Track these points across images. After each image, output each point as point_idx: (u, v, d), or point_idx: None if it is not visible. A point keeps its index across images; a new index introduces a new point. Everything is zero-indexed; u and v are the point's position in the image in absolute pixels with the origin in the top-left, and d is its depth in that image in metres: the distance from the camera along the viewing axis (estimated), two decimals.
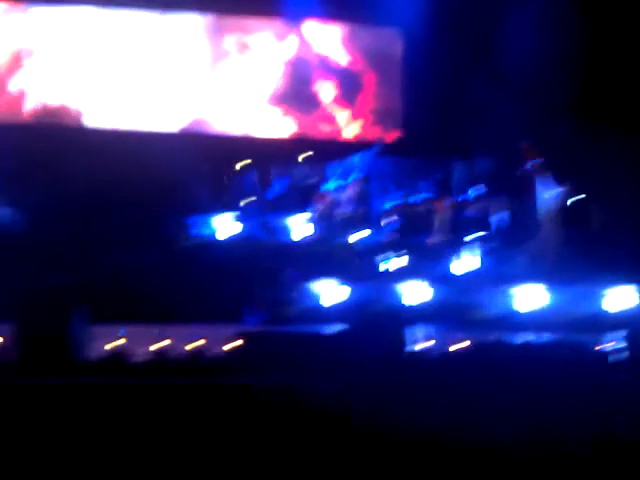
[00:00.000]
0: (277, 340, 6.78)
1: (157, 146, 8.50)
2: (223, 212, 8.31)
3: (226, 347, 6.75)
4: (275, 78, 9.67)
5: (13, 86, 9.17)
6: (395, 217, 8.31)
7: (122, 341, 6.52)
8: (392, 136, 9.63)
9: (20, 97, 9.15)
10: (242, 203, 8.59)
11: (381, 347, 6.49)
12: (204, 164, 8.50)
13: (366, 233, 8.20)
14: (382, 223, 8.31)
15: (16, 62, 9.19)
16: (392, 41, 9.81)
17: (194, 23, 9.61)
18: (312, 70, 9.71)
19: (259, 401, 5.54)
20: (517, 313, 7.26)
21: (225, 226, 8.23)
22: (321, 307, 7.39)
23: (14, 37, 9.13)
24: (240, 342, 6.76)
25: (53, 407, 5.16)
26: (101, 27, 9.37)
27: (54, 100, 9.20)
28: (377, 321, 7.04)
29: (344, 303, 7.40)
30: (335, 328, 7.12)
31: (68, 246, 7.26)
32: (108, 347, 6.50)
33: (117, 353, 6.45)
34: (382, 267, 7.81)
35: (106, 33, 9.35)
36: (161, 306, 6.89)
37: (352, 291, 7.42)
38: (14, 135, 8.03)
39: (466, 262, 7.79)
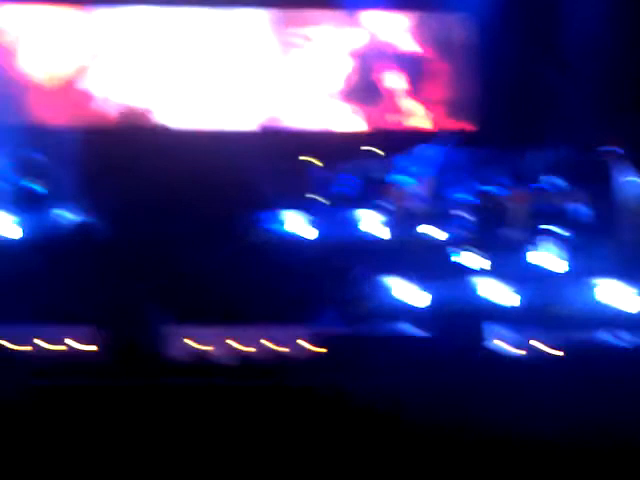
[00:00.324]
0: (352, 340, 6.73)
1: (229, 144, 8.52)
2: (294, 208, 8.28)
3: (302, 348, 6.74)
4: (342, 70, 9.54)
5: (83, 89, 9.30)
6: (470, 210, 8.11)
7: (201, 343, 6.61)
8: (466, 126, 9.39)
9: (90, 100, 9.28)
10: (313, 199, 8.54)
11: (459, 346, 6.36)
12: (275, 160, 8.47)
13: (440, 228, 8.03)
14: (457, 217, 8.12)
15: (85, 65, 9.32)
16: (463, 28, 9.52)
17: (260, 18, 9.56)
18: (380, 61, 9.53)
19: (337, 402, 5.50)
20: (601, 310, 7.01)
21: (297, 222, 8.21)
22: (396, 305, 7.29)
23: (81, 40, 9.25)
24: (316, 343, 6.74)
25: (141, 408, 5.26)
26: (167, 26, 9.41)
27: (126, 102, 9.30)
28: (455, 320, 6.90)
29: (420, 301, 7.28)
30: (411, 327, 7.02)
31: (147, 248, 7.37)
32: (189, 348, 6.59)
33: (198, 354, 6.53)
34: (458, 263, 7.65)
35: (172, 32, 9.39)
36: (238, 306, 6.93)
37: (428, 289, 7.29)
38: (87, 139, 8.15)
39: (546, 256, 7.56)
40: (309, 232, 8.11)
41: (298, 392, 5.59)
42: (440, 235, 8.00)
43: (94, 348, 6.40)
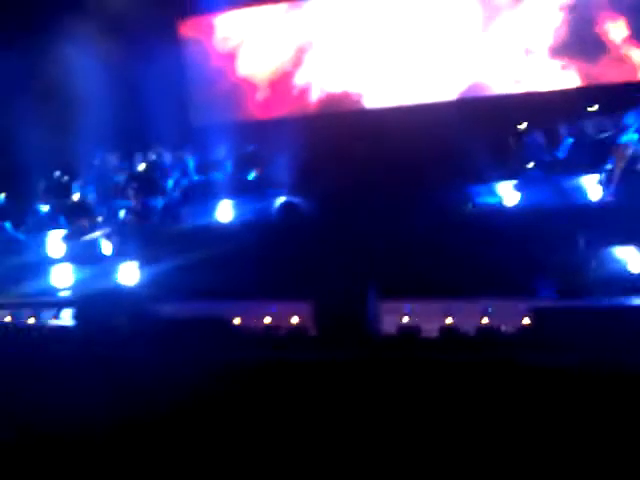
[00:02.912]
0: (574, 315, 6.29)
1: (436, 116, 8.40)
2: (509, 178, 7.91)
3: (517, 324, 6.44)
4: (554, 27, 8.87)
5: (298, 81, 9.75)
6: None
7: (409, 318, 6.58)
8: None
9: (305, 90, 9.70)
10: (529, 166, 8.08)
11: None
12: (485, 129, 8.16)
13: None
14: None
15: (299, 57, 9.75)
16: None
17: None
18: (597, 10, 8.69)
19: (551, 382, 5.17)
20: None
21: (511, 192, 7.83)
22: (623, 276, 6.65)
23: (294, 34, 9.66)
24: (532, 318, 6.40)
25: (351, 382, 5.39)
26: (366, 7, 9.47)
27: (335, 88, 9.57)
28: None
29: None
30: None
31: (357, 225, 7.53)
32: (398, 323, 6.61)
33: (407, 329, 6.52)
34: None
35: (373, 12, 9.44)
36: (448, 281, 6.81)
37: None
38: (303, 127, 8.54)
39: None
40: (521, 202, 7.70)
41: (508, 369, 5.38)
42: None
43: (306, 323, 6.68)
